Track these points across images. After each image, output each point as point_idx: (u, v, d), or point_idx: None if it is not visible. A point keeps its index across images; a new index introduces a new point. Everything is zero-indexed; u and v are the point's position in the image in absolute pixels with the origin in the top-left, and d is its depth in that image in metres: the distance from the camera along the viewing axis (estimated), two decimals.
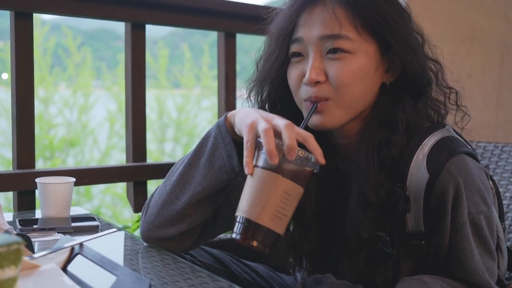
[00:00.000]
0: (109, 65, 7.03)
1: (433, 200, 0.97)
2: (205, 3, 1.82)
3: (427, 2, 2.45)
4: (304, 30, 1.03)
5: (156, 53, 6.22)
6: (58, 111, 5.59)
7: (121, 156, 5.73)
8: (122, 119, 5.55)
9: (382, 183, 1.00)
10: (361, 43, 1.00)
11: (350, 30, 1.00)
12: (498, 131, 2.73)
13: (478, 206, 0.98)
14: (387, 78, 1.05)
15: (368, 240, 1.00)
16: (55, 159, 5.29)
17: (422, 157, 0.98)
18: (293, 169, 0.86)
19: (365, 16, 1.00)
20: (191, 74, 6.42)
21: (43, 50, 5.39)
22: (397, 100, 1.03)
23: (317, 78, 1.00)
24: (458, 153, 0.98)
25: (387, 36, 1.01)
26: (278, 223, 0.85)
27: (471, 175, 0.98)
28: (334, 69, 1.00)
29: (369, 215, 1.00)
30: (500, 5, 2.71)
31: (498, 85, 2.73)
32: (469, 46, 2.60)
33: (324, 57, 1.02)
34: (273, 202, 0.84)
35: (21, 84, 1.52)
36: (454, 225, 0.97)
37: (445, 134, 1.02)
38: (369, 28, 1.01)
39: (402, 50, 1.01)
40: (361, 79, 1.01)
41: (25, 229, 1.17)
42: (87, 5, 1.61)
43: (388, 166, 1.00)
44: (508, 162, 1.59)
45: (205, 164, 1.02)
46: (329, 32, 1.00)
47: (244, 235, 0.85)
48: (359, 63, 1.00)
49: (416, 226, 0.99)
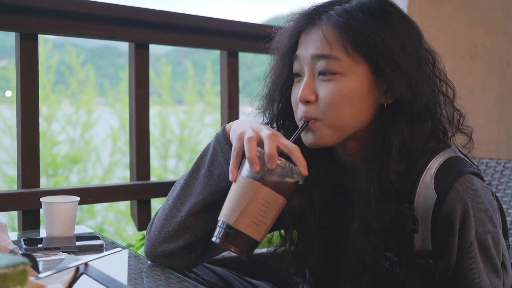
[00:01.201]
0: (112, 82, 7.07)
1: (441, 220, 0.97)
2: (207, 23, 1.84)
3: (428, 19, 2.48)
4: (300, 49, 1.06)
5: (159, 69, 6.26)
6: (61, 128, 5.61)
7: (124, 172, 5.73)
8: (125, 136, 5.56)
9: (385, 208, 1.00)
10: (351, 64, 1.01)
11: (340, 52, 1.00)
12: (500, 147, 2.73)
13: (486, 227, 0.98)
14: (385, 99, 1.04)
15: (371, 264, 1.01)
16: (58, 176, 5.30)
17: (430, 178, 0.98)
18: (274, 178, 0.89)
19: (356, 38, 1.00)
20: (194, 90, 6.45)
21: (46, 68, 5.43)
22: (392, 124, 1.02)
23: (307, 98, 1.02)
24: (465, 173, 0.99)
25: (377, 60, 1.00)
26: (255, 229, 0.88)
27: (479, 195, 0.99)
28: (323, 90, 1.02)
29: (372, 241, 1.00)
30: (500, 21, 2.73)
31: (499, 101, 2.74)
32: (470, 62, 2.61)
33: (316, 77, 1.03)
34: (251, 209, 0.88)
35: (26, 105, 1.54)
36: (462, 245, 0.97)
37: (451, 154, 1.02)
38: (360, 51, 1.00)
39: (391, 74, 1.00)
40: (350, 101, 1.01)
41: (30, 248, 1.17)
42: (91, 26, 1.63)
43: (390, 192, 1.00)
44: (510, 178, 1.59)
45: (205, 174, 1.05)
46: (320, 52, 1.01)
47: (222, 239, 0.89)
48: (348, 85, 1.01)
49: (423, 246, 0.99)
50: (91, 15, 1.62)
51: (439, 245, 0.99)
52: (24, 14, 1.51)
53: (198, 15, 1.83)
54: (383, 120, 1.04)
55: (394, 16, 1.04)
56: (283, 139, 0.92)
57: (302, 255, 1.14)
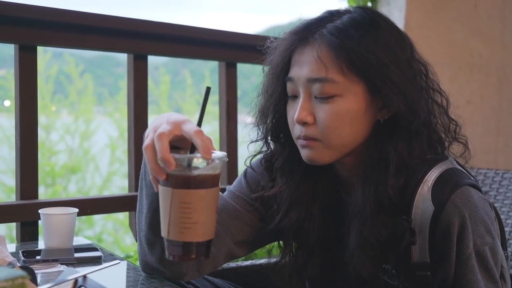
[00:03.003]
0: (110, 91, 7.07)
1: (439, 232, 0.98)
2: (206, 34, 1.85)
3: (426, 29, 2.49)
4: (294, 70, 1.04)
5: (157, 79, 6.27)
6: (59, 137, 5.61)
7: (123, 182, 5.73)
8: (124, 145, 5.57)
9: (382, 222, 1.00)
10: (347, 85, 1.00)
11: (335, 73, 0.99)
12: (498, 157, 2.74)
13: (483, 238, 0.99)
14: (381, 115, 1.04)
15: (369, 278, 1.01)
16: (57, 185, 5.29)
17: (427, 190, 0.99)
18: (181, 178, 0.83)
19: (351, 58, 0.99)
20: (192, 100, 6.46)
21: (45, 78, 5.44)
22: (389, 139, 1.02)
23: (305, 119, 1.01)
24: (462, 185, 0.99)
25: (373, 79, 1.00)
26: (189, 233, 0.83)
27: (476, 207, 0.99)
28: (321, 112, 1.01)
29: (369, 255, 1.00)
30: (498, 32, 2.75)
31: (497, 111, 2.75)
32: (467, 73, 2.62)
33: (312, 98, 1.02)
34: (175, 216, 0.83)
35: (24, 116, 1.54)
36: (460, 257, 0.97)
37: (448, 166, 1.02)
38: (355, 70, 1.00)
39: (388, 92, 1.00)
40: (349, 122, 1.01)
41: (29, 260, 1.17)
42: (90, 37, 1.64)
43: (387, 205, 1.00)
44: (509, 189, 1.60)
45: (145, 183, 1.01)
46: (315, 76, 1.00)
47: (168, 253, 0.86)
48: (346, 106, 1.00)
49: (421, 258, 1.00)
50: (90, 27, 1.63)
51: (437, 257, 0.99)
52: (23, 26, 1.52)
53: (197, 26, 1.84)
54: (379, 136, 1.04)
55: (386, 30, 1.04)
56: (185, 125, 0.84)
57: (302, 268, 1.14)
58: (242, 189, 1.19)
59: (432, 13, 2.49)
